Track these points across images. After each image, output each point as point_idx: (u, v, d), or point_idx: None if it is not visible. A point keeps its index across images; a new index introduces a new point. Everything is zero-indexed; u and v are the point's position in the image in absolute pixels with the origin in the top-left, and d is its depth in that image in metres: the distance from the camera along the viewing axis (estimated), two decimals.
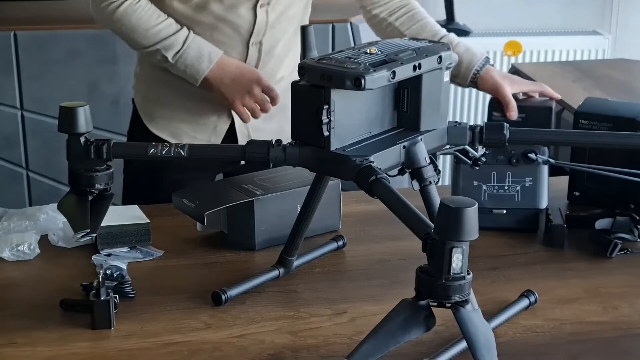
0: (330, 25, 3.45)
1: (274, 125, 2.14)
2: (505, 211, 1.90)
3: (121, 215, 1.83)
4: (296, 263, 1.73)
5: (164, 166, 2.15)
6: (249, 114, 2.05)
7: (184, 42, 2.02)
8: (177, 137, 2.16)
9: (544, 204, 1.90)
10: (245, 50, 2.10)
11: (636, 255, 1.82)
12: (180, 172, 2.12)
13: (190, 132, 2.15)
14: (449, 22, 4.26)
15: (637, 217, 1.87)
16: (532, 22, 4.45)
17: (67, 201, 1.59)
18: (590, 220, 1.89)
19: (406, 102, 1.56)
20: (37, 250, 1.79)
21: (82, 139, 1.55)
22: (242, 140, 2.14)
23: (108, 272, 1.65)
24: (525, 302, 1.60)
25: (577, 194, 2.05)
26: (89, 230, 1.53)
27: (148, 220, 1.84)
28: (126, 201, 2.21)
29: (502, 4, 4.43)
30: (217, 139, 2.16)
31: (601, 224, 1.89)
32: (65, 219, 1.69)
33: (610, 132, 1.90)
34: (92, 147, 1.55)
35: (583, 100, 2.11)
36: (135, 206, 1.90)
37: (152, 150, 1.56)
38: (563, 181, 2.09)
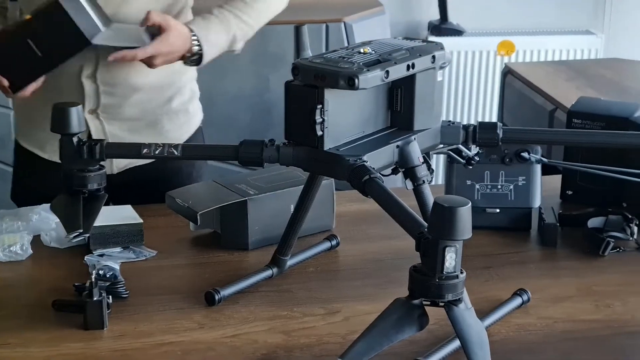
0: (324, 25, 3.45)
1: (140, 139, 1.95)
2: (498, 210, 1.90)
3: (114, 215, 1.83)
4: (290, 262, 1.73)
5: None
6: None
7: None
8: (42, 148, 2.09)
9: (537, 202, 1.91)
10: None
11: (629, 253, 1.82)
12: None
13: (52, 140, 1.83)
14: (443, 22, 4.27)
15: (630, 216, 1.87)
16: (525, 22, 4.46)
17: (59, 202, 1.59)
18: (583, 219, 1.90)
19: (399, 101, 1.57)
20: (30, 251, 1.78)
21: (75, 139, 1.55)
22: None
23: (101, 272, 1.65)
24: (518, 301, 1.61)
25: (570, 192, 2.06)
26: (81, 231, 1.53)
27: (141, 220, 1.83)
28: (14, 198, 2.21)
29: (496, 4, 4.43)
30: None
31: (594, 222, 1.89)
32: (57, 220, 1.69)
33: (603, 131, 1.91)
34: (84, 147, 1.55)
35: (576, 100, 2.11)
36: (129, 206, 1.90)
37: (145, 150, 1.56)
38: (556, 180, 2.10)
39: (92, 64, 1.97)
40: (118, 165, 2.08)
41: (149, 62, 1.90)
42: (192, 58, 1.96)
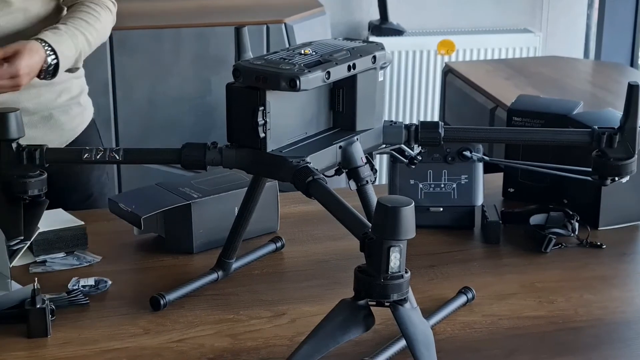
0: (265, 27, 3.45)
1: (37, 132, 2.07)
2: (441, 209, 1.91)
3: (52, 220, 1.80)
4: (235, 265, 1.73)
5: None
6: None
7: None
8: None
9: (479, 201, 1.92)
10: None
11: (570, 249, 1.85)
12: None
13: None
14: (383, 22, 4.29)
15: (571, 212, 1.90)
16: (464, 21, 4.50)
17: None
18: (525, 216, 1.92)
19: (341, 102, 1.57)
20: None
21: (14, 145, 1.53)
22: None
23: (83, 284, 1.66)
24: (463, 299, 1.62)
25: (511, 190, 2.08)
26: (23, 238, 1.51)
27: (83, 223, 1.82)
28: None
29: (435, 4, 4.46)
30: None
31: (536, 219, 1.91)
32: None
33: (543, 128, 1.93)
34: (24, 153, 1.53)
35: (515, 98, 2.13)
36: (60, 209, 1.87)
37: (86, 155, 1.54)
38: (498, 178, 2.11)
39: None
40: None
41: (16, 83, 1.86)
42: (48, 69, 1.92)
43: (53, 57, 1.91)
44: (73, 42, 1.97)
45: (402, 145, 1.64)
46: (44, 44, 1.90)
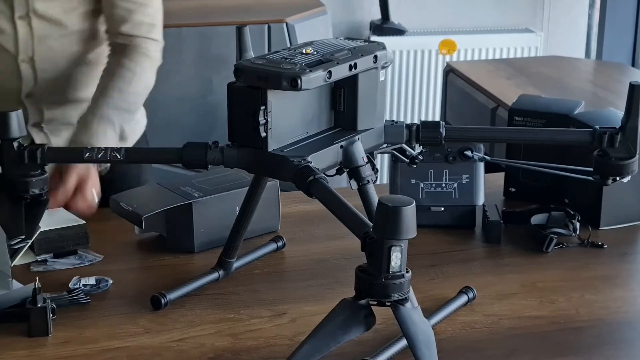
0: (266, 26, 3.45)
1: (60, 141, 2.06)
2: (442, 208, 1.91)
3: (53, 219, 1.80)
4: (236, 265, 1.73)
5: None
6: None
7: None
8: None
9: (480, 200, 1.92)
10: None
11: (571, 249, 1.84)
12: None
13: None
14: (384, 22, 4.29)
15: (572, 212, 1.89)
16: (466, 21, 4.50)
17: (0, 208, 1.57)
18: (526, 216, 1.92)
19: (343, 101, 1.57)
20: None
21: (15, 144, 1.53)
22: None
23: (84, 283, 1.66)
24: (463, 299, 1.62)
25: (512, 190, 2.08)
26: (24, 237, 1.51)
27: (84, 222, 1.82)
28: None
29: (437, 3, 4.46)
30: None
31: (537, 219, 1.91)
32: None
33: (544, 128, 1.93)
34: (26, 152, 1.53)
35: (517, 97, 2.13)
36: (62, 209, 1.87)
37: (87, 155, 1.54)
38: (499, 178, 2.11)
39: (31, 84, 1.95)
40: None
41: (92, 206, 1.88)
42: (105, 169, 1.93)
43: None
44: (109, 131, 1.92)
45: (403, 145, 1.64)
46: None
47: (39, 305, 1.50)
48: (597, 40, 4.52)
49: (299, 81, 1.39)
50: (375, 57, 1.54)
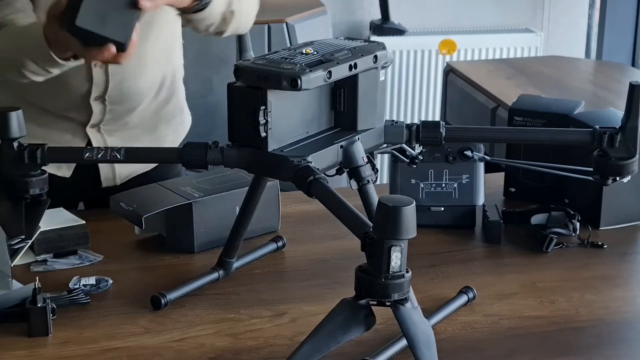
0: (266, 26, 3.45)
1: (113, 141, 2.03)
2: (442, 208, 1.91)
3: (53, 219, 1.80)
4: (236, 265, 1.73)
5: None
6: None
7: None
8: None
9: (480, 200, 1.92)
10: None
11: (571, 249, 1.84)
12: None
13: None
14: (384, 22, 4.29)
15: (572, 212, 1.89)
16: (466, 21, 4.50)
17: (0, 208, 1.57)
18: (526, 216, 1.92)
19: (343, 101, 1.57)
20: None
21: (15, 144, 1.53)
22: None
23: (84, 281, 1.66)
24: (464, 299, 1.62)
25: (512, 190, 2.08)
26: (24, 237, 1.51)
27: (84, 222, 1.82)
28: None
29: (437, 3, 4.46)
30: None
31: (537, 219, 1.91)
32: None
33: (544, 128, 1.93)
34: (26, 152, 1.53)
35: (517, 97, 2.14)
36: (62, 209, 1.87)
37: (87, 155, 1.54)
38: (499, 178, 2.11)
39: (102, 87, 1.95)
40: (120, 175, 2.07)
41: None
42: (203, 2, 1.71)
43: None
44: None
45: (404, 145, 1.64)
46: None
47: (39, 305, 1.50)
48: (597, 40, 4.52)
49: (299, 81, 1.39)
50: (375, 57, 1.54)
